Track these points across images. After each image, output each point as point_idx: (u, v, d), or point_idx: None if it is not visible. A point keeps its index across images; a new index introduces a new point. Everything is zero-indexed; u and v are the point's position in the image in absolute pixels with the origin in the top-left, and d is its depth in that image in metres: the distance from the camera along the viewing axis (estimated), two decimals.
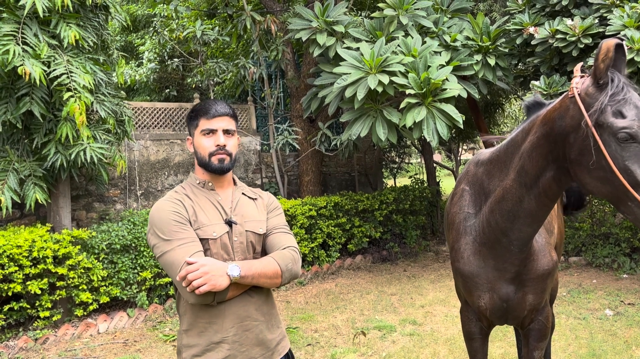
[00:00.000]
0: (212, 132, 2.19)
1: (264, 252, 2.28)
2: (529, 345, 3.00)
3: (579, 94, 2.08)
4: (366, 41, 7.60)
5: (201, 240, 2.10)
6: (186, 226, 2.10)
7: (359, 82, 6.93)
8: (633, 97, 1.99)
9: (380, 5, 7.69)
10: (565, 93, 2.21)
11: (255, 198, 2.37)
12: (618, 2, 6.29)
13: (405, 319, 6.43)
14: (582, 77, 2.15)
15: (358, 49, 7.38)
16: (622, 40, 2.04)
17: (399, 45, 7.25)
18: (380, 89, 6.79)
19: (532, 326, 2.95)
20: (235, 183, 2.36)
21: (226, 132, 2.21)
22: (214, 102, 2.23)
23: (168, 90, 14.42)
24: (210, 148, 2.18)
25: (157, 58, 14.20)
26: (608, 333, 5.59)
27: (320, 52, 7.79)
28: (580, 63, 2.24)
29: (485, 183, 2.72)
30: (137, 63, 15.51)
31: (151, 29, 10.78)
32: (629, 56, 5.52)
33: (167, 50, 13.67)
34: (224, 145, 2.19)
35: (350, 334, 6.00)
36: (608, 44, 1.96)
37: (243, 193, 2.34)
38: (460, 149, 21.21)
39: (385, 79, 6.75)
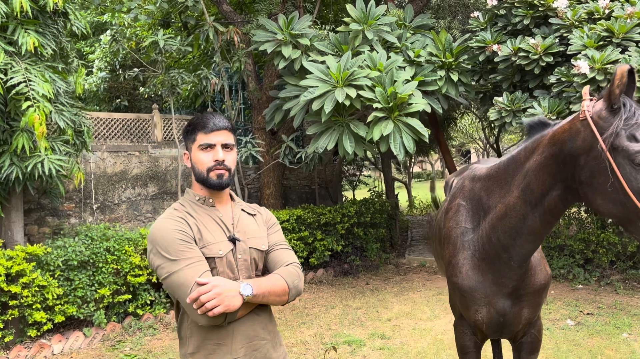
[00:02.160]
0: (210, 146, 2.11)
1: (265, 269, 2.23)
2: (521, 358, 3.03)
3: (591, 117, 2.12)
4: (332, 55, 7.62)
5: (207, 258, 2.03)
6: (192, 245, 2.02)
7: (326, 95, 6.93)
8: None
9: (346, 19, 7.75)
10: (574, 115, 2.25)
11: (255, 214, 2.31)
12: (577, 23, 6.57)
13: (374, 333, 6.42)
14: (591, 100, 2.20)
15: (324, 62, 7.39)
16: (632, 67, 2.09)
17: (365, 60, 7.30)
18: (347, 103, 6.81)
19: (524, 339, 2.99)
20: (232, 199, 2.28)
21: (225, 146, 2.14)
22: (212, 116, 2.16)
23: (119, 100, 14.04)
24: (209, 163, 2.11)
25: (108, 67, 13.83)
26: (572, 343, 5.75)
27: (285, 64, 7.75)
28: (587, 87, 2.28)
29: (483, 199, 2.74)
30: (86, 72, 15.06)
31: (109, 37, 10.47)
32: (590, 75, 5.75)
33: (119, 59, 13.34)
34: (223, 160, 2.11)
35: (319, 350, 5.92)
36: (622, 69, 2.01)
37: (242, 209, 2.28)
38: (412, 163, 21.60)
39: (353, 93, 6.77)
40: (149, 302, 7.12)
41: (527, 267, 2.72)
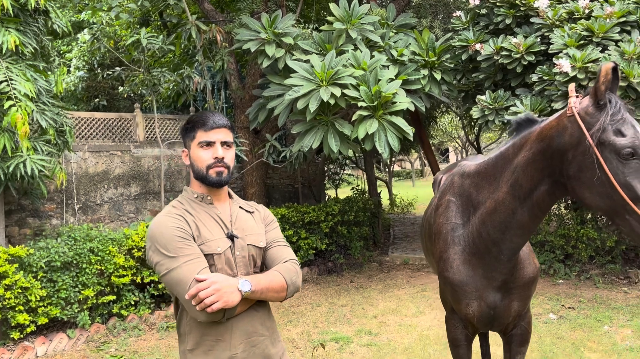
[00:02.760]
0: (210, 144, 2.13)
1: (263, 266, 2.25)
2: (511, 350, 3.09)
3: (578, 113, 2.18)
4: (316, 54, 7.63)
5: (205, 255, 2.05)
6: (190, 241, 2.03)
7: (311, 94, 6.94)
8: (629, 117, 2.13)
9: (329, 18, 7.77)
10: (561, 112, 2.31)
11: (252, 212, 2.34)
12: (558, 22, 6.69)
13: (360, 330, 6.46)
14: (577, 96, 2.26)
15: (308, 61, 7.40)
16: (616, 64, 2.16)
17: (349, 59, 7.33)
18: (332, 101, 6.83)
19: (514, 331, 3.05)
20: (231, 197, 2.30)
21: (224, 144, 2.16)
22: (211, 114, 2.18)
23: (97, 99, 13.88)
24: (208, 160, 2.12)
25: (86, 66, 13.67)
26: (555, 336, 5.86)
27: (269, 63, 7.74)
28: (573, 84, 2.34)
29: (473, 195, 2.79)
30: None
31: (88, 36, 10.35)
32: (571, 73, 5.87)
33: (97, 58, 13.19)
34: (223, 158, 2.13)
35: (307, 348, 5.95)
36: (607, 67, 2.08)
37: (240, 207, 2.30)
38: (392, 161, 21.73)
39: (338, 92, 6.80)
40: (133, 303, 7.07)
41: (516, 261, 2.78)
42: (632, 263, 8.45)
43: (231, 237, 2.13)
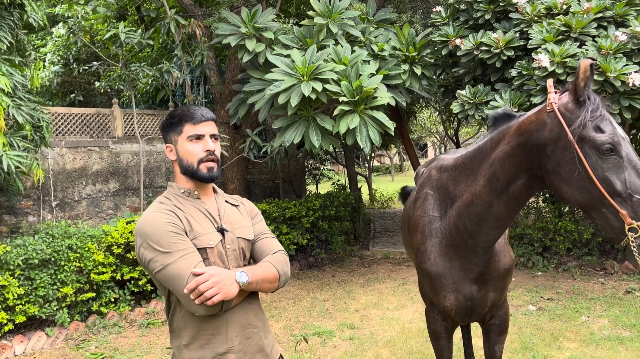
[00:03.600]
0: (200, 137, 2.13)
1: (251, 258, 2.27)
2: (490, 340, 3.14)
3: (558, 109, 2.21)
4: (297, 48, 7.61)
5: (198, 249, 2.05)
6: (183, 236, 2.03)
7: (292, 89, 6.91)
8: (606, 114, 2.17)
9: (310, 13, 7.74)
10: (540, 107, 2.34)
11: (238, 205, 2.36)
12: (536, 18, 6.77)
13: (343, 324, 6.49)
14: (556, 92, 2.29)
15: (289, 55, 7.37)
16: (594, 60, 2.20)
17: (330, 54, 7.32)
18: (313, 96, 6.82)
19: (492, 321, 3.10)
20: (215, 191, 2.30)
21: (212, 136, 2.16)
22: (197, 107, 2.18)
23: (73, 95, 13.66)
24: (200, 154, 2.12)
25: (61, 61, 13.44)
26: (535, 327, 5.96)
27: (249, 58, 7.70)
28: (551, 80, 2.37)
29: (450, 188, 2.82)
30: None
31: (64, 30, 10.18)
32: (550, 68, 5.94)
33: (73, 52, 12.98)
34: (214, 150, 2.13)
35: (290, 342, 5.95)
36: (585, 63, 2.12)
37: (226, 201, 2.31)
38: (372, 157, 21.81)
39: (319, 86, 6.79)
40: (113, 300, 7.00)
41: (492, 253, 2.82)
42: (608, 255, 8.62)
43: (221, 231, 2.14)
